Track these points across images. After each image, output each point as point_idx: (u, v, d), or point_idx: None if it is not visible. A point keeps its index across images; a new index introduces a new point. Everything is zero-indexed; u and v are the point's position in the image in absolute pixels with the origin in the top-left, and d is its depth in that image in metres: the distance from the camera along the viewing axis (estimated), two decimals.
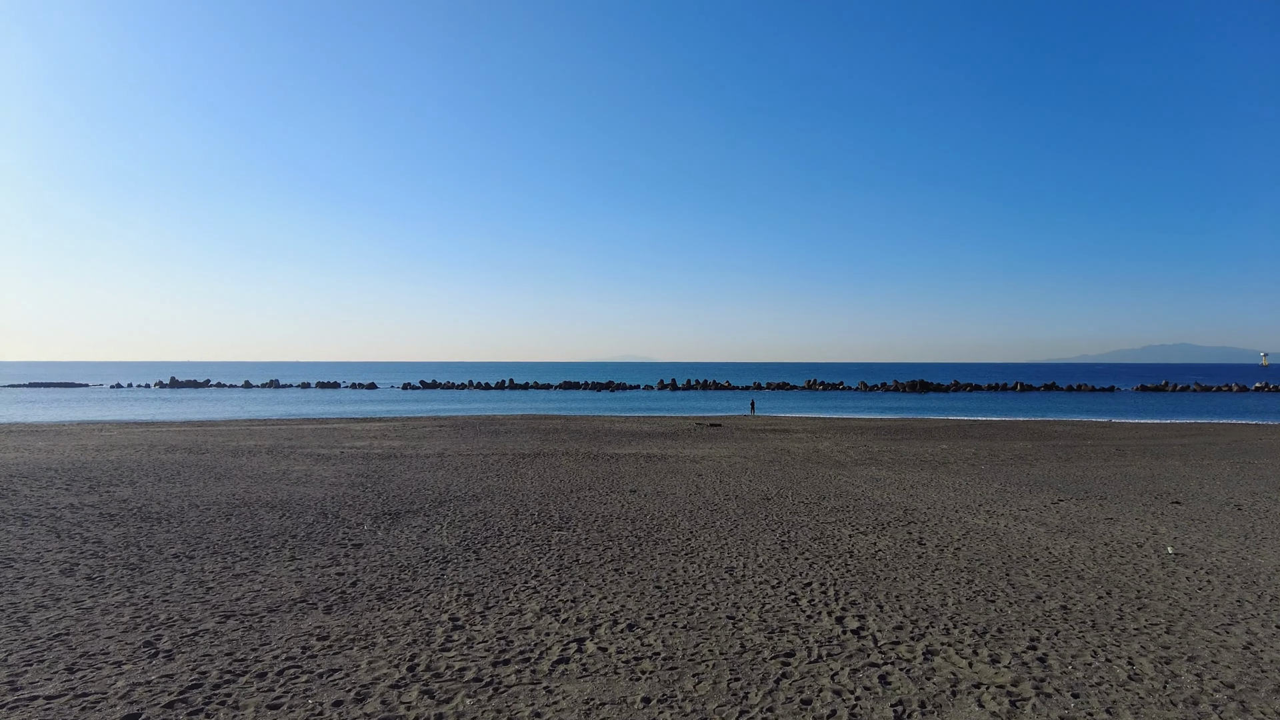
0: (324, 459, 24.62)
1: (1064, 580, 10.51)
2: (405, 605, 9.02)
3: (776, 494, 18.47)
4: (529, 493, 18.28)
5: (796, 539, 13.21)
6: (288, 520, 14.33)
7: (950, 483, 20.70)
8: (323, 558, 11.41)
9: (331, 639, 7.77)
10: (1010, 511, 16.19)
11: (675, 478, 21.13)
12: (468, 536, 13.15)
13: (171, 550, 11.67)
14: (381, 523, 14.28)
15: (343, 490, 18.16)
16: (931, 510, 16.32)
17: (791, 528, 14.20)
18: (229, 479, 19.62)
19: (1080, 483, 20.68)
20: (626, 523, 14.63)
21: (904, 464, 24.86)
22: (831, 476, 21.71)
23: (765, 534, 13.60)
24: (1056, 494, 18.63)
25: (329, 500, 16.67)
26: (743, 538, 13.26)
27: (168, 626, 8.03)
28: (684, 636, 7.98)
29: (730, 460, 25.45)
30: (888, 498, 18.09)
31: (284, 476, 20.35)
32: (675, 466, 23.66)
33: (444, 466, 23.00)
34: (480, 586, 9.93)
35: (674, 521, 14.80)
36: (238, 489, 17.98)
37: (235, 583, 9.89)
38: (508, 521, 14.62)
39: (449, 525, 14.13)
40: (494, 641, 7.78)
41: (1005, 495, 18.53)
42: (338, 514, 15.08)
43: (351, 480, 19.83)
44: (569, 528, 14.06)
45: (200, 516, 14.51)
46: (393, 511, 15.45)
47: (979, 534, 13.78)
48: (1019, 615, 8.85)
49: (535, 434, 34.23)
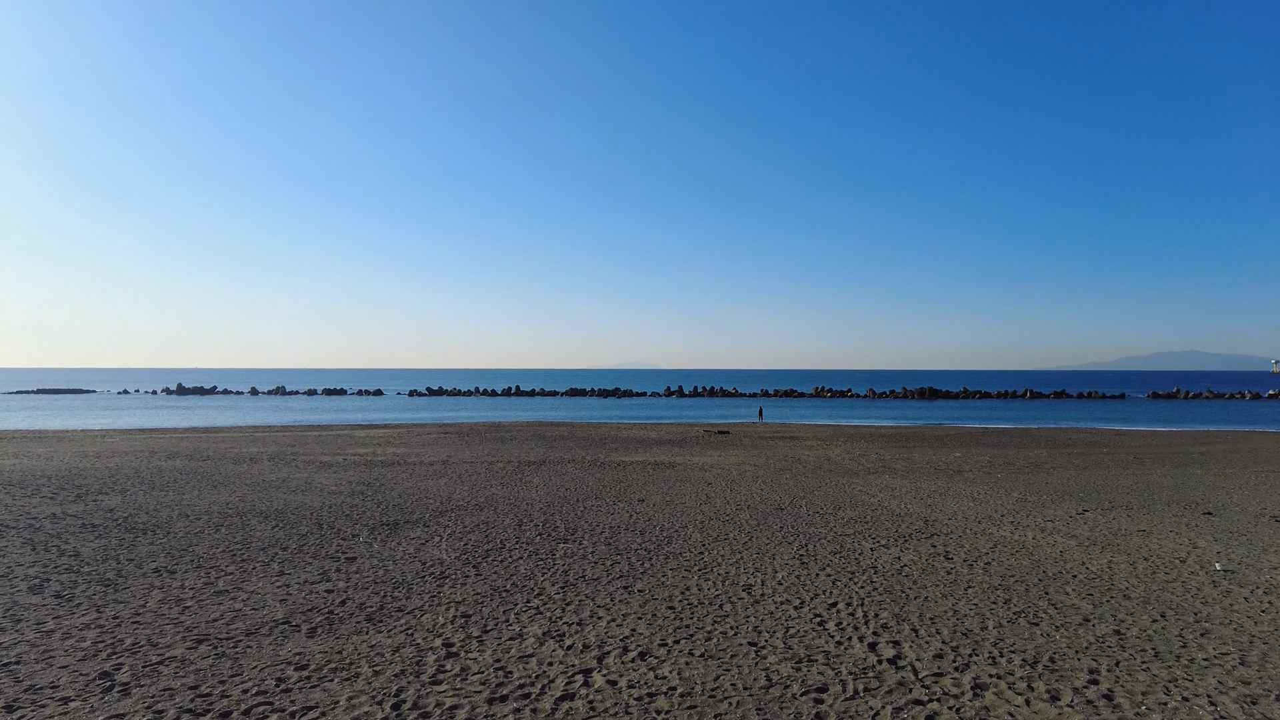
0: (326, 466, 23.88)
1: (1110, 600, 9.57)
2: (396, 628, 8.17)
3: (790, 504, 17.60)
4: (534, 502, 17.46)
5: (816, 553, 12.33)
6: (280, 531, 13.52)
7: (968, 492, 19.79)
8: (313, 572, 10.58)
9: (311, 668, 6.90)
10: (1035, 522, 15.28)
11: (684, 486, 20.28)
12: (468, 549, 12.32)
13: (152, 564, 10.83)
14: (379, 534, 13.46)
15: (342, 499, 17.38)
16: (953, 521, 15.43)
17: (809, 540, 13.33)
18: (226, 487, 18.85)
19: (1102, 492, 19.73)
20: (635, 534, 13.79)
21: (918, 472, 23.95)
22: (845, 485, 20.82)
23: (782, 547, 12.73)
24: (1080, 504, 17.69)
25: (326, 509, 15.88)
26: (759, 551, 12.39)
27: (131, 653, 7.17)
28: (702, 667, 7.07)
29: (740, 468, 24.59)
30: (906, 508, 17.20)
31: (283, 484, 19.59)
32: (684, 475, 22.81)
33: (447, 474, 22.21)
34: (479, 606, 9.07)
35: (685, 533, 13.95)
36: (233, 498, 17.20)
37: (215, 601, 9.05)
38: (510, 533, 13.79)
39: (449, 537, 13.30)
40: (491, 673, 6.89)
41: (1027, 505, 17.61)
42: (333, 524, 14.28)
43: (351, 489, 19.06)
44: (575, 540, 13.22)
45: (189, 527, 13.70)
46: (391, 522, 14.64)
47: (1007, 547, 12.88)
48: (1069, 641, 7.92)
49: (541, 441, 33.41)
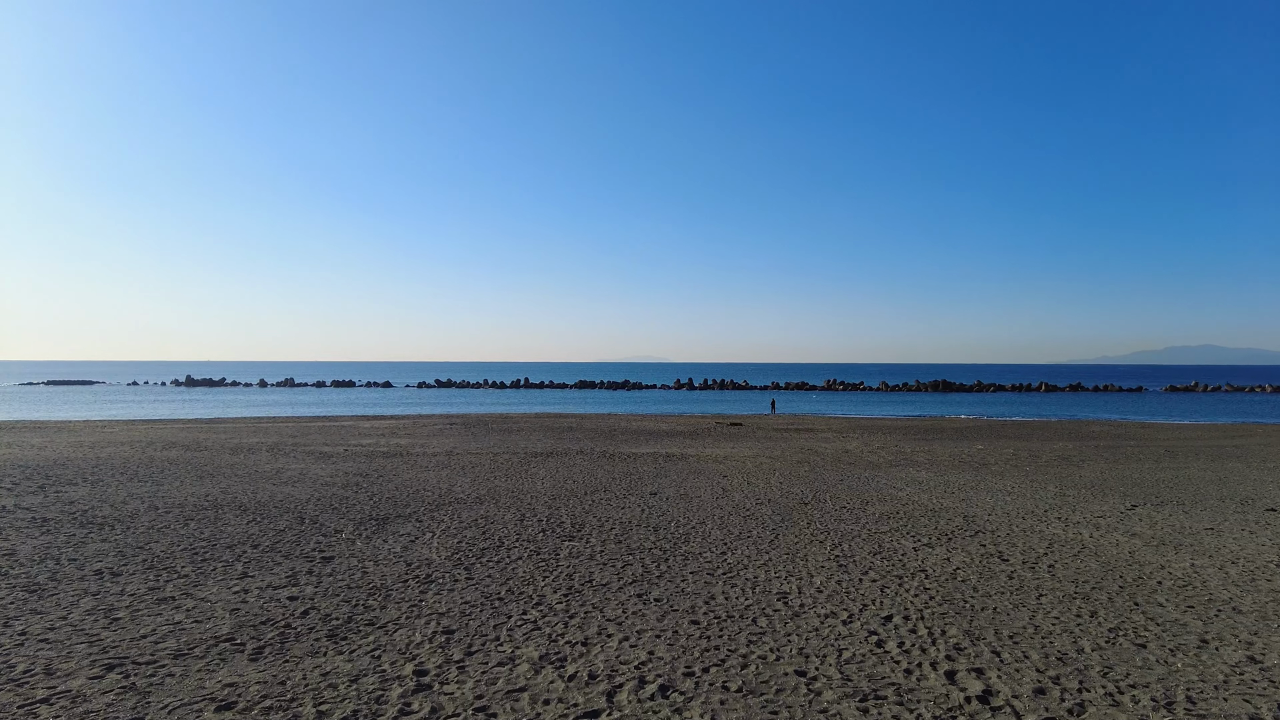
0: (325, 457, 22.41)
1: (1220, 615, 7.85)
2: (361, 648, 6.57)
3: (813, 498, 15.98)
4: (538, 495, 15.91)
5: (852, 553, 10.70)
6: (256, 526, 11.99)
7: (1000, 485, 18.10)
8: (280, 575, 9.02)
9: (239, 707, 5.28)
10: (1084, 519, 13.60)
11: (699, 479, 18.68)
12: (461, 548, 10.75)
13: (97, 565, 9.25)
14: (364, 530, 11.92)
15: (333, 491, 15.88)
16: (993, 517, 13.77)
17: (842, 539, 11.70)
18: (213, 478, 17.40)
19: (1143, 486, 17.99)
20: (648, 531, 12.20)
21: (942, 465, 22.25)
22: (868, 478, 19.17)
23: (814, 547, 11.11)
24: (1124, 499, 15.98)
25: (313, 502, 14.37)
26: (788, 551, 10.78)
27: (18, 684, 5.56)
28: (742, 709, 5.41)
29: (755, 460, 22.96)
30: (938, 502, 15.55)
31: (276, 475, 18.12)
32: (697, 467, 21.21)
33: (449, 466, 20.70)
34: (465, 619, 7.47)
35: (703, 530, 12.35)
36: (215, 489, 15.73)
37: (153, 612, 7.47)
38: (511, 529, 12.23)
39: (442, 534, 11.74)
40: (469, 715, 5.27)
41: (1067, 500, 15.92)
42: (317, 519, 12.75)
43: (346, 480, 17.56)
44: (581, 537, 11.64)
45: (154, 521, 12.16)
46: (381, 516, 13.11)
47: (1065, 546, 11.21)
48: (1199, 672, 6.19)
49: (548, 432, 31.87)
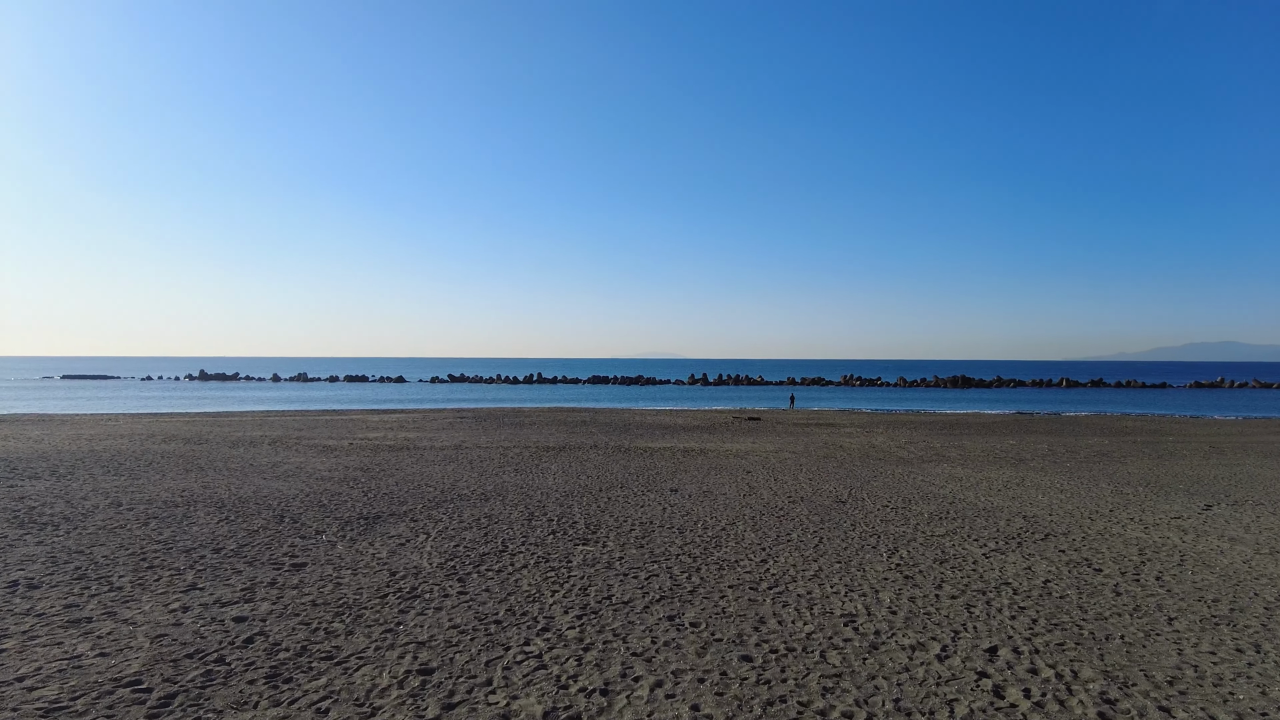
0: (328, 450, 20.89)
1: None
2: (306, 696, 4.87)
3: (850, 496, 14.22)
4: (550, 491, 14.27)
5: (914, 560, 8.96)
6: (228, 526, 10.40)
7: (1046, 482, 16.25)
8: (235, 587, 7.39)
9: None
10: (1158, 519, 11.77)
11: (721, 475, 16.97)
12: (457, 553, 9.10)
13: (15, 574, 7.56)
14: (349, 531, 10.30)
15: (327, 486, 14.31)
16: (1055, 517, 11.97)
17: (896, 542, 9.96)
18: (201, 471, 15.89)
19: (1203, 483, 16.05)
20: (673, 533, 10.51)
21: (977, 460, 20.39)
22: (903, 474, 17.37)
23: (867, 553, 9.37)
24: (1190, 497, 14.08)
25: (302, 499, 12.80)
26: (839, 558, 9.06)
27: None
28: None
29: (779, 455, 21.20)
30: (987, 500, 13.76)
31: (271, 469, 16.59)
32: (718, 462, 19.49)
33: (457, 460, 19.11)
34: (450, 651, 5.78)
35: (735, 531, 10.65)
36: (196, 483, 14.19)
37: (54, 640, 5.81)
38: (518, 530, 10.58)
39: (437, 535, 10.10)
40: None
41: (1127, 498, 14.06)
42: (300, 517, 11.15)
43: (345, 474, 16.01)
44: (597, 540, 9.96)
45: (111, 520, 10.54)
46: (372, 515, 11.49)
47: (1160, 552, 9.41)
48: None
49: (561, 426, 30.25)
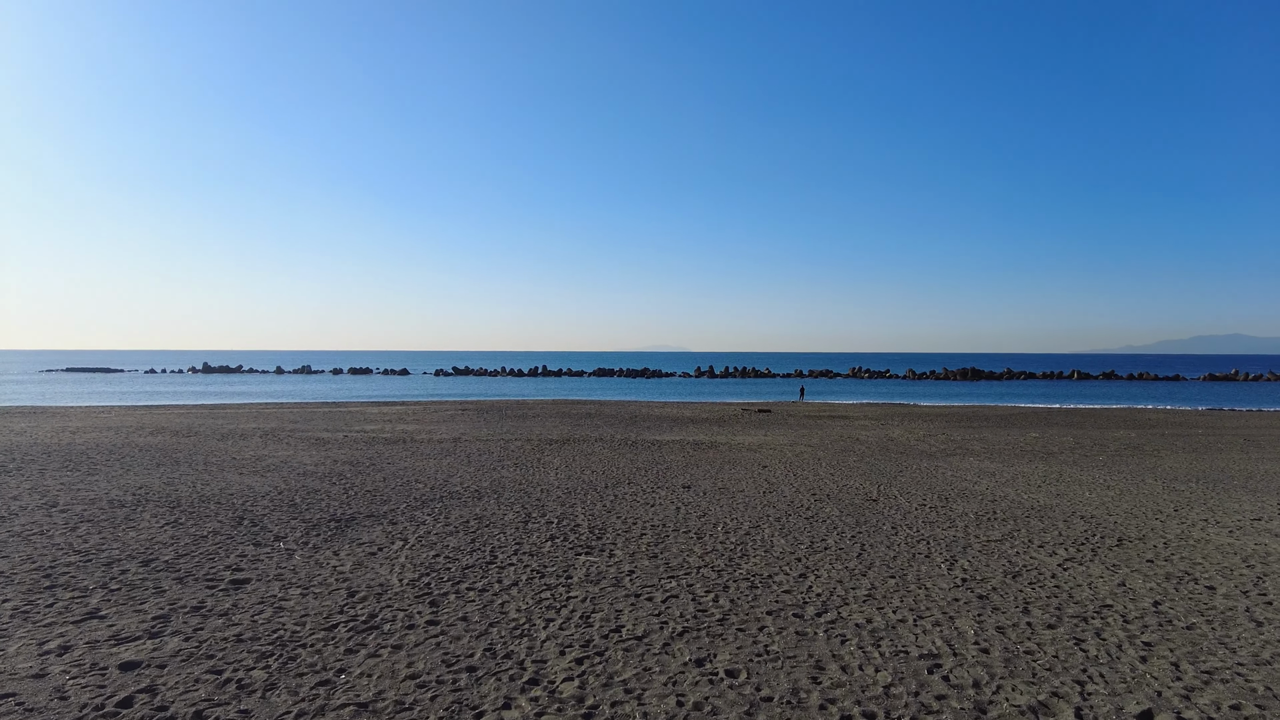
0: (320, 443, 19.39)
1: None
2: None
3: (880, 493, 12.62)
4: (550, 488, 12.71)
5: (980, 574, 7.35)
6: (173, 530, 8.84)
7: (1086, 477, 14.62)
8: (146, 616, 5.78)
9: None
10: (1237, 522, 10.13)
11: (736, 470, 15.39)
12: (436, 565, 7.53)
13: None
14: (315, 536, 8.75)
15: (307, 482, 12.78)
16: (1117, 518, 10.36)
17: (951, 549, 8.35)
18: (175, 465, 14.39)
19: (1256, 479, 14.31)
20: (690, 539, 8.93)
21: (1003, 454, 18.76)
22: (930, 469, 15.76)
23: (923, 565, 7.77)
24: (1255, 495, 12.44)
25: (272, 497, 11.26)
26: (890, 570, 7.45)
27: None
28: None
29: (795, 449, 19.60)
30: (1031, 498, 12.15)
31: (252, 463, 15.08)
32: (731, 456, 17.91)
33: (454, 453, 17.58)
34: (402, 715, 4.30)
35: (761, 537, 9.07)
36: (158, 480, 12.65)
37: None
38: (510, 534, 9.01)
39: (416, 542, 8.54)
40: None
41: (1184, 495, 12.42)
42: (262, 520, 9.60)
43: (330, 469, 14.48)
44: (602, 548, 8.37)
45: (33, 524, 8.90)
46: (347, 516, 9.95)
47: (1272, 563, 7.79)
48: None
49: (566, 418, 28.68)
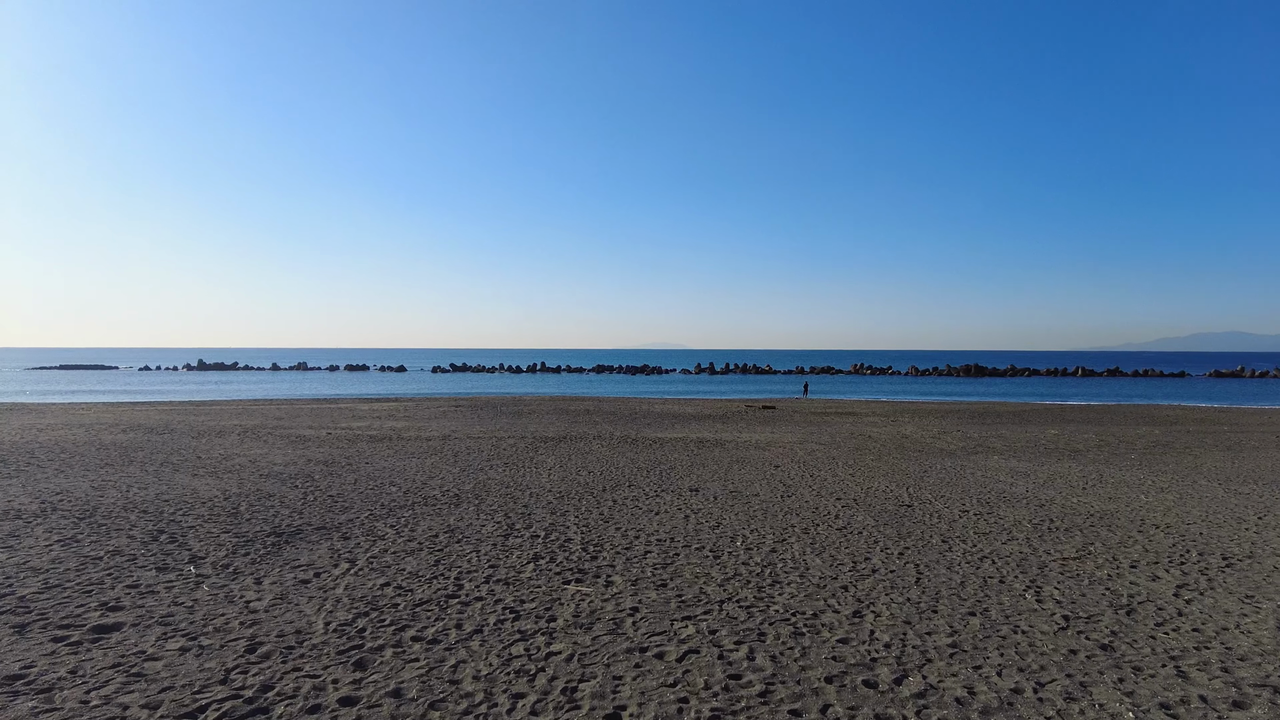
0: (298, 441, 17.65)
1: None
2: None
3: (911, 498, 10.88)
4: (541, 492, 10.96)
5: (1082, 609, 5.57)
6: (64, 548, 7.02)
7: (1129, 478, 12.91)
8: None
9: None
10: None
11: (746, 470, 13.66)
12: (380, 601, 5.75)
13: None
14: (242, 555, 6.98)
15: (265, 485, 11.03)
16: (1199, 527, 8.67)
17: (1026, 572, 6.58)
18: (126, 465, 12.61)
19: None
20: (705, 558, 7.18)
21: (1028, 452, 17.04)
22: (956, 469, 14.03)
23: (1002, 595, 6.01)
24: None
25: (214, 503, 9.49)
26: (968, 605, 5.68)
27: None
28: None
29: (805, 447, 17.87)
30: (1083, 503, 10.45)
31: (215, 463, 13.31)
32: (738, 455, 16.17)
33: (440, 452, 15.83)
34: None
35: (790, 554, 7.31)
36: (86, 483, 10.84)
37: None
38: (485, 553, 7.26)
39: (366, 565, 6.76)
40: None
41: (1259, 502, 10.72)
42: (185, 534, 7.82)
43: (299, 470, 12.73)
44: (597, 571, 6.60)
45: None
46: (291, 529, 8.18)
47: None
48: None
49: (563, 415, 26.93)
